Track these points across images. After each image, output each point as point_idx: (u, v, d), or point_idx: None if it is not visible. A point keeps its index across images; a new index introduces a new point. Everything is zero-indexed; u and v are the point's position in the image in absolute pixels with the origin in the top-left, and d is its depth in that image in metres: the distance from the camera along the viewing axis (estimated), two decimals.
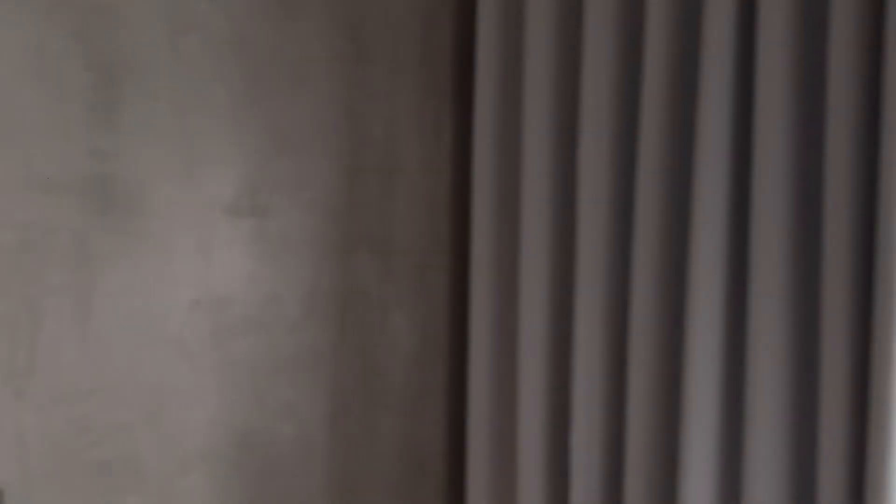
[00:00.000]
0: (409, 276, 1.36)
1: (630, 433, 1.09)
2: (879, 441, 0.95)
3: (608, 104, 1.13)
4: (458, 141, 1.38)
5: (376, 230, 1.31)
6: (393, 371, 1.36)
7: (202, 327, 1.16)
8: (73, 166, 1.04)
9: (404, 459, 1.39)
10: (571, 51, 1.21)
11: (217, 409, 1.18)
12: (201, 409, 1.17)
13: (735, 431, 1.04)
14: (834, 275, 1.00)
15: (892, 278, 0.96)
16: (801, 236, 1.04)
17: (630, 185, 1.15)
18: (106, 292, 1.08)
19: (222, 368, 1.19)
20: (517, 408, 1.27)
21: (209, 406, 1.18)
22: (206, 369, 1.17)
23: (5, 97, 0.98)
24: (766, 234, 1.00)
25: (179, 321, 1.14)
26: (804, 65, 1.04)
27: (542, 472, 1.25)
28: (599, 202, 1.11)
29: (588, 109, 1.12)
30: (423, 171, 1.35)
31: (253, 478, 1.23)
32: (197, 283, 1.15)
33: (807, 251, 1.06)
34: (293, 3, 1.19)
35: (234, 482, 1.21)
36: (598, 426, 1.15)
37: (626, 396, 1.10)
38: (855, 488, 1.01)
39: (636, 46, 1.15)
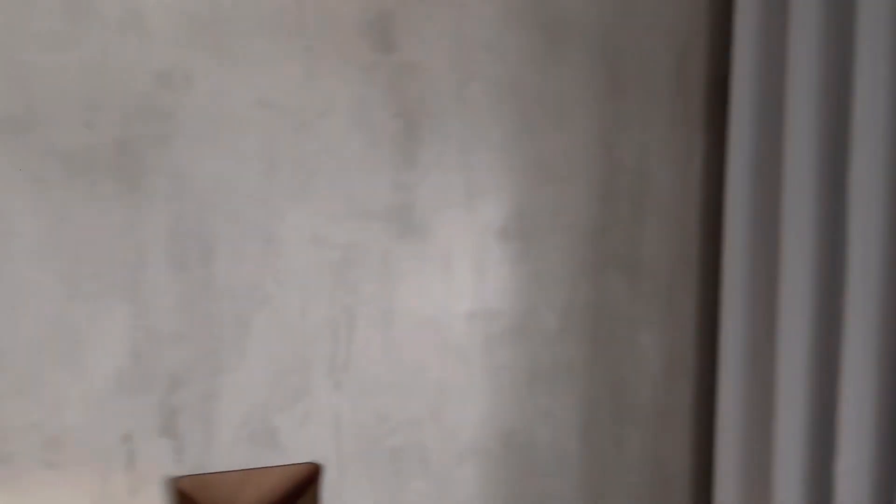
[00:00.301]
0: (658, 296, 1.43)
1: None
2: None
3: (883, 125, 1.12)
4: (708, 166, 1.44)
5: (627, 251, 1.41)
6: (640, 387, 1.44)
7: (476, 336, 1.32)
8: (382, 197, 1.24)
9: (650, 473, 1.46)
10: (840, 72, 1.21)
11: (487, 409, 1.33)
12: (474, 409, 1.33)
13: None
14: None
15: None
16: None
17: None
18: (402, 303, 1.27)
19: (491, 374, 1.33)
20: (773, 433, 1.27)
21: (480, 406, 1.33)
22: (478, 373, 1.33)
23: (337, 142, 1.21)
24: None
25: (458, 330, 1.31)
26: None
27: (800, 498, 1.24)
28: (874, 223, 1.11)
29: (861, 131, 1.12)
30: (674, 195, 1.42)
31: (515, 475, 1.36)
32: (473, 297, 1.31)
33: None
34: (558, 50, 1.33)
35: (499, 477, 1.35)
36: (869, 454, 1.13)
37: None
38: None
39: None
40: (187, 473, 1.15)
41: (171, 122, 1.11)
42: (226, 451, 1.17)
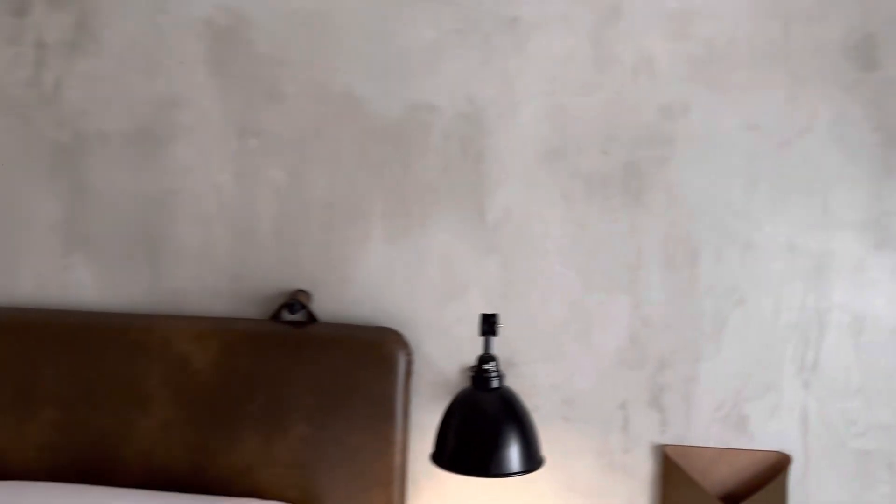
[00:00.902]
0: None
1: None
2: None
3: None
4: None
5: None
6: None
7: None
8: (858, 208, 1.29)
9: None
10: None
11: None
12: None
13: None
14: None
15: None
16: None
17: None
18: (876, 311, 1.30)
19: None
20: None
21: None
22: None
23: (815, 158, 1.30)
24: None
25: None
26: None
27: None
28: None
29: None
30: None
31: None
32: None
33: None
34: None
35: None
36: None
37: None
38: None
39: None
40: (670, 443, 1.35)
41: (669, 146, 1.32)
42: (701, 429, 1.35)
